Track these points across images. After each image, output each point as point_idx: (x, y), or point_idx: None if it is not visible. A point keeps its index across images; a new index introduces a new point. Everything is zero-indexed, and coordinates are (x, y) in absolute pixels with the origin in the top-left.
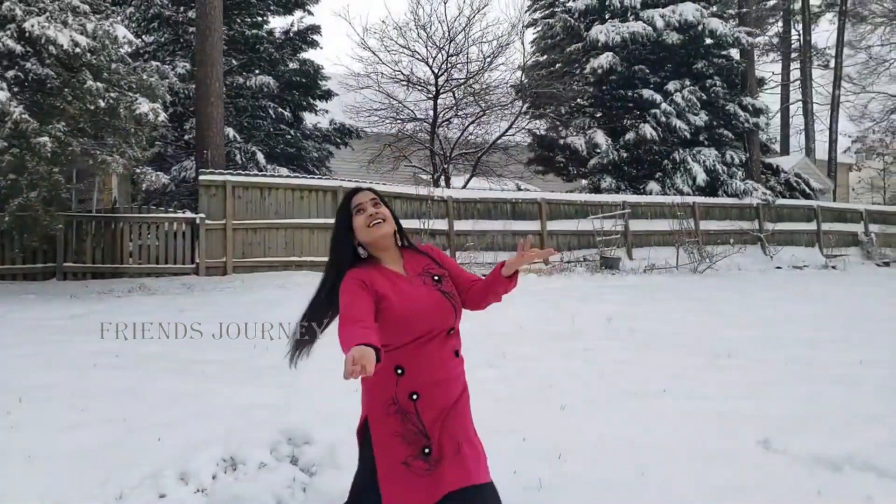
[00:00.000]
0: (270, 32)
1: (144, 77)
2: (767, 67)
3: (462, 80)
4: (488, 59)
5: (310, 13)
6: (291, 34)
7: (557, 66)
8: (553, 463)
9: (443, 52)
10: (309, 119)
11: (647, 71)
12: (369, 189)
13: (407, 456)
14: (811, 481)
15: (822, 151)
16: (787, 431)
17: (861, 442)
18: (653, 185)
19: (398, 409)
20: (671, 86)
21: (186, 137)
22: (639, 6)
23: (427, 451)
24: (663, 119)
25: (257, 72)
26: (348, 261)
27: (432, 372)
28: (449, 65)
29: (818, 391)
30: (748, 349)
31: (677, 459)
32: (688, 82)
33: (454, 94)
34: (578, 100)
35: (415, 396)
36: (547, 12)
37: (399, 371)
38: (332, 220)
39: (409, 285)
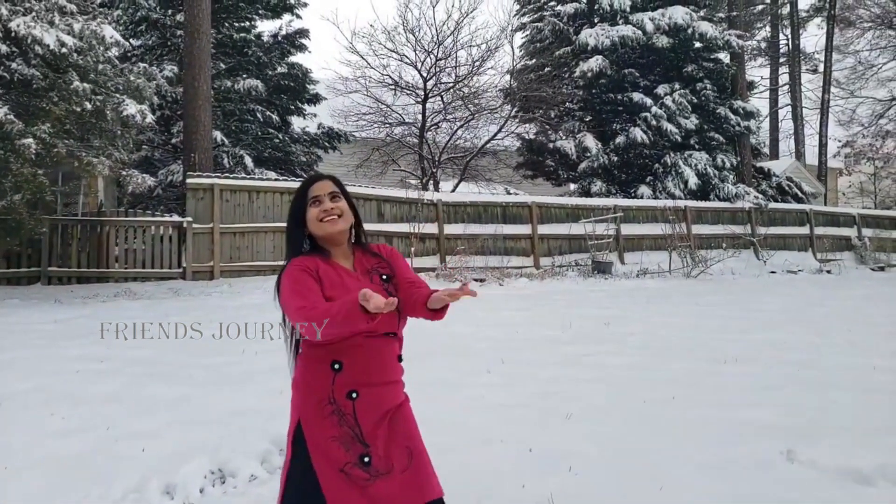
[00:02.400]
0: (259, 36)
1: (132, 79)
2: (756, 72)
3: (451, 84)
4: (477, 63)
5: (298, 17)
6: (280, 38)
7: (546, 69)
8: (564, 475)
9: (431, 55)
10: (297, 123)
11: (637, 74)
12: (330, 178)
13: (345, 463)
14: (843, 496)
15: (811, 156)
16: (809, 441)
17: (891, 454)
18: (644, 189)
19: (335, 409)
20: (661, 89)
21: (174, 141)
22: (628, 10)
23: (366, 459)
24: (654, 122)
25: (245, 75)
26: (298, 255)
27: (373, 372)
28: (437, 69)
29: (834, 398)
30: (753, 354)
31: (696, 471)
32: (678, 86)
33: (443, 98)
34: (568, 103)
35: (354, 395)
36: (536, 16)
37: (336, 366)
38: None
39: (355, 281)
